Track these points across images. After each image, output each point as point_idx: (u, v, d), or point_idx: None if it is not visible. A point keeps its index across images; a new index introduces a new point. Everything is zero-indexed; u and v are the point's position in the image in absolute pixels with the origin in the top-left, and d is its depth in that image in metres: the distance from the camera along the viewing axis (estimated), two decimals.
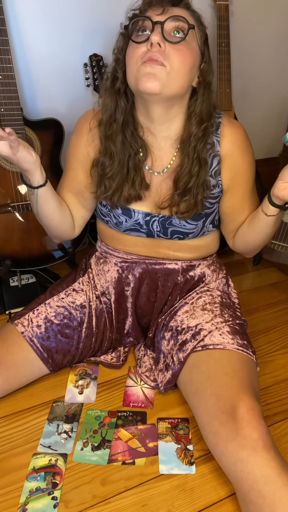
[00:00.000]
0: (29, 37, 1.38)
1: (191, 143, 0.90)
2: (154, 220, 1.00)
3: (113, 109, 0.91)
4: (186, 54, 0.82)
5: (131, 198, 0.97)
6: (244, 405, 0.80)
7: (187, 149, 0.91)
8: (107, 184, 0.96)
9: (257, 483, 0.72)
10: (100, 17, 1.44)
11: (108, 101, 0.91)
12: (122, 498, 0.86)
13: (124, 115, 0.91)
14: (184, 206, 0.95)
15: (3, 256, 1.36)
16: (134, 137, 0.93)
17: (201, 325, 1.00)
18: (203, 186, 0.93)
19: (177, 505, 0.85)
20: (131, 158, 0.94)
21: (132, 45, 0.84)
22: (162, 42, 0.80)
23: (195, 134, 0.90)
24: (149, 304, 1.13)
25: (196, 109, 0.89)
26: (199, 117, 0.89)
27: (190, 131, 0.90)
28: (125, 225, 1.03)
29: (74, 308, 1.08)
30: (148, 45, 0.81)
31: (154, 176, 0.97)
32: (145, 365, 1.12)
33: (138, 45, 0.82)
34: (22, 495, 0.85)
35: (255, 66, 1.82)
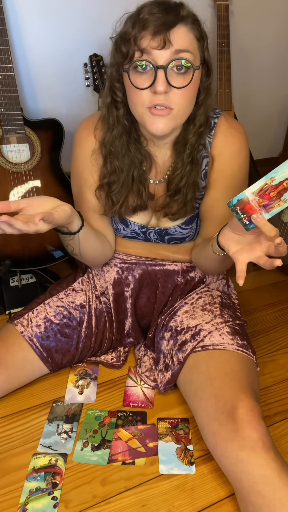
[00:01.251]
0: (29, 37, 1.38)
1: (186, 149, 0.89)
2: (150, 232, 1.02)
3: (116, 126, 0.89)
4: (191, 91, 0.80)
5: (137, 209, 0.97)
6: (244, 405, 0.80)
7: (182, 155, 0.90)
8: (114, 199, 0.95)
9: (256, 483, 0.73)
10: (100, 17, 1.44)
11: (111, 119, 0.89)
12: (122, 498, 0.86)
13: (127, 130, 0.89)
14: (175, 206, 0.94)
15: (3, 256, 1.35)
16: (138, 149, 0.92)
17: (201, 325, 1.00)
18: (193, 185, 0.93)
19: (177, 505, 0.85)
20: (135, 169, 0.92)
21: (133, 88, 0.79)
22: (167, 89, 0.76)
23: (191, 142, 0.89)
24: (149, 305, 1.13)
25: (196, 120, 0.87)
26: (199, 126, 0.88)
27: (186, 138, 0.89)
28: (123, 233, 1.04)
29: (73, 308, 1.08)
30: (152, 91, 0.77)
31: (155, 185, 0.97)
32: (145, 365, 1.12)
33: (141, 90, 0.78)
34: (22, 495, 0.85)
35: (255, 66, 1.82)
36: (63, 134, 1.38)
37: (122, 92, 0.85)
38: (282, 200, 0.67)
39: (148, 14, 0.75)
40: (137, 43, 0.76)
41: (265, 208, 0.68)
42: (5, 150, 1.31)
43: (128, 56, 0.78)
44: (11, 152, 1.31)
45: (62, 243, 0.95)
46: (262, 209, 0.69)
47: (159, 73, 0.75)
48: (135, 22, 0.76)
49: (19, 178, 1.33)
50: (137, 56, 0.77)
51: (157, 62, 0.75)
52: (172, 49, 0.75)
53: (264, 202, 0.68)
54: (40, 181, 1.36)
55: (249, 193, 0.68)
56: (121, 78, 0.83)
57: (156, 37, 0.74)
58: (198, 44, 0.80)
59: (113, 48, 0.83)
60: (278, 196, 0.67)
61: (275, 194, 0.67)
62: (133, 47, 0.76)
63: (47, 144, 1.36)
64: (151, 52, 0.75)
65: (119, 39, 0.80)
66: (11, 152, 1.31)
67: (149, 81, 0.77)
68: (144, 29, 0.75)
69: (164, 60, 0.75)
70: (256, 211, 0.69)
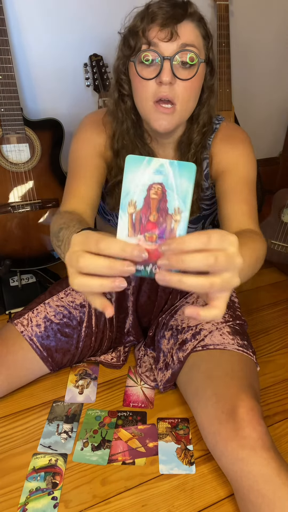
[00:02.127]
0: (29, 37, 1.38)
1: (191, 149, 0.90)
2: None
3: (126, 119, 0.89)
4: (194, 85, 0.81)
5: None
6: (244, 405, 0.80)
7: (187, 155, 0.91)
8: (118, 199, 0.95)
9: (256, 482, 0.73)
10: (100, 17, 1.44)
11: (119, 113, 0.89)
12: (122, 498, 0.86)
13: (134, 125, 0.90)
14: None
15: (3, 256, 1.36)
16: (142, 146, 0.92)
17: (201, 325, 1.00)
18: (197, 186, 0.94)
19: (177, 505, 0.85)
20: None
21: (139, 79, 0.80)
22: (172, 80, 0.78)
23: (195, 142, 0.90)
24: (149, 303, 1.13)
25: (199, 119, 0.88)
26: (202, 125, 0.89)
27: (191, 138, 0.90)
28: None
29: (73, 308, 1.08)
30: (158, 81, 0.78)
31: None
32: (145, 365, 1.12)
33: (146, 81, 0.79)
34: (22, 495, 0.85)
35: (255, 66, 1.82)
36: (63, 134, 1.38)
37: (128, 85, 0.86)
38: (171, 214, 0.45)
39: (157, 8, 0.77)
40: (145, 35, 0.78)
41: (162, 238, 0.46)
42: (5, 150, 1.31)
43: (136, 48, 0.79)
44: (11, 152, 1.31)
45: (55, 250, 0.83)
46: (161, 241, 0.46)
47: (165, 64, 0.76)
48: (143, 16, 0.78)
49: (19, 178, 1.33)
50: (144, 47, 0.78)
51: (164, 53, 0.77)
52: (179, 41, 0.77)
53: (155, 232, 0.46)
54: (40, 181, 1.36)
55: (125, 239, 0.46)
56: (127, 71, 0.85)
57: (164, 29, 0.76)
58: (204, 42, 0.82)
59: (120, 42, 0.85)
60: (162, 213, 0.45)
61: (155, 214, 0.46)
62: (141, 39, 0.78)
63: (47, 144, 1.36)
64: (158, 43, 0.77)
65: (127, 33, 0.82)
66: (11, 152, 1.31)
67: (155, 72, 0.78)
68: (152, 22, 0.77)
69: (171, 51, 0.77)
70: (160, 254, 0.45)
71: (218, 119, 0.95)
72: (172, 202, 0.45)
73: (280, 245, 1.55)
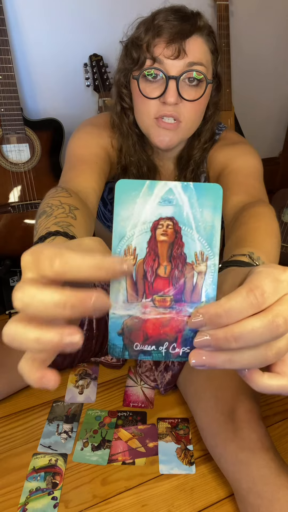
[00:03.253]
0: (29, 37, 1.38)
1: (190, 165, 0.87)
2: None
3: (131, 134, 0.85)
4: (201, 104, 0.77)
5: None
6: (243, 406, 0.80)
7: (185, 171, 0.88)
8: None
9: (255, 484, 0.73)
10: (100, 17, 1.44)
11: (124, 127, 0.85)
12: (122, 498, 0.86)
13: (139, 140, 0.86)
14: None
15: (3, 256, 1.36)
16: (148, 159, 0.89)
17: None
18: None
19: (177, 505, 0.85)
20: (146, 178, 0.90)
21: (142, 97, 0.75)
22: (178, 100, 0.72)
23: (195, 159, 0.86)
24: None
25: (201, 136, 0.84)
26: (204, 142, 0.85)
27: (191, 154, 0.86)
28: None
29: None
30: (161, 101, 0.73)
31: None
32: (145, 365, 1.12)
33: (149, 99, 0.74)
34: (22, 495, 0.85)
35: (255, 66, 1.82)
36: (63, 134, 1.38)
37: (129, 99, 0.82)
38: (191, 263, 0.31)
39: (164, 21, 0.71)
40: (149, 50, 0.72)
41: (181, 301, 0.31)
42: (5, 150, 1.31)
43: (139, 62, 0.74)
44: (11, 152, 1.31)
45: None
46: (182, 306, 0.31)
47: (170, 84, 0.71)
48: (148, 28, 0.72)
49: (19, 178, 1.33)
50: (148, 64, 0.73)
51: (169, 72, 0.71)
52: (186, 60, 0.71)
53: (168, 293, 0.31)
54: (40, 181, 1.36)
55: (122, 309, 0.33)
56: (128, 84, 0.80)
57: (170, 45, 0.70)
58: (212, 57, 0.76)
59: (122, 52, 0.79)
60: (177, 263, 0.31)
61: (167, 266, 0.31)
62: (144, 53, 0.73)
63: (47, 144, 1.36)
64: (163, 61, 0.71)
65: (130, 44, 0.76)
66: (11, 152, 1.31)
67: (159, 90, 0.73)
68: (158, 36, 0.71)
69: (177, 71, 0.71)
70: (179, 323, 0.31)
71: (219, 128, 0.90)
72: (192, 244, 0.30)
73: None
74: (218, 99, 0.83)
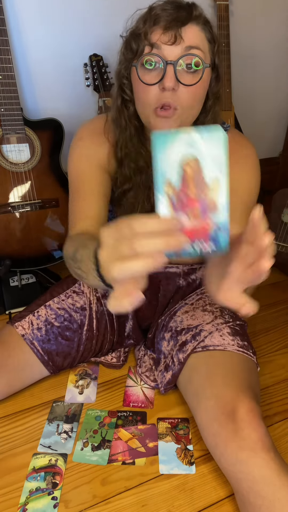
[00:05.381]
0: (29, 37, 1.38)
1: None
2: None
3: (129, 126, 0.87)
4: (199, 91, 0.78)
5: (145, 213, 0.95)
6: (244, 406, 0.80)
7: None
8: (127, 207, 0.93)
9: (256, 484, 0.73)
10: (100, 17, 1.44)
11: (123, 120, 0.86)
12: (122, 498, 0.86)
13: (137, 133, 0.88)
14: None
15: (3, 256, 1.36)
16: (146, 152, 0.90)
17: (201, 326, 1.00)
18: None
19: (177, 505, 0.85)
20: (143, 173, 0.90)
21: (141, 84, 0.77)
22: (176, 85, 0.74)
23: None
24: (150, 308, 1.13)
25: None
26: None
27: None
28: None
29: (74, 310, 1.07)
30: (160, 87, 0.75)
31: None
32: (145, 365, 1.12)
33: (149, 86, 0.76)
34: (22, 495, 0.85)
35: (255, 66, 1.82)
36: (63, 134, 1.38)
37: (130, 90, 0.83)
38: (209, 185, 0.43)
39: (160, 10, 0.74)
40: (147, 37, 0.75)
41: (206, 212, 0.44)
42: (5, 150, 1.31)
43: (138, 51, 0.76)
44: (11, 152, 1.31)
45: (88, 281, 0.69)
46: (207, 215, 0.44)
47: (168, 69, 0.73)
48: (146, 18, 0.75)
49: (19, 178, 1.33)
50: (146, 50, 0.75)
51: (167, 58, 0.74)
52: (183, 45, 0.73)
53: (197, 207, 0.44)
54: (40, 181, 1.36)
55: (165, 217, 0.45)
56: (129, 75, 0.82)
57: (167, 32, 0.73)
58: (209, 45, 0.78)
59: (123, 45, 0.82)
60: (201, 187, 0.43)
61: (194, 190, 0.44)
62: (143, 42, 0.75)
63: (47, 144, 1.36)
64: (161, 46, 0.74)
65: (129, 36, 0.79)
66: (11, 152, 1.31)
67: (158, 77, 0.75)
68: (155, 24, 0.74)
69: (174, 55, 0.74)
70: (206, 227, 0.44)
71: (224, 128, 0.92)
72: (209, 173, 0.43)
73: (280, 245, 1.55)
74: (218, 89, 0.84)
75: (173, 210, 0.44)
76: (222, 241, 0.44)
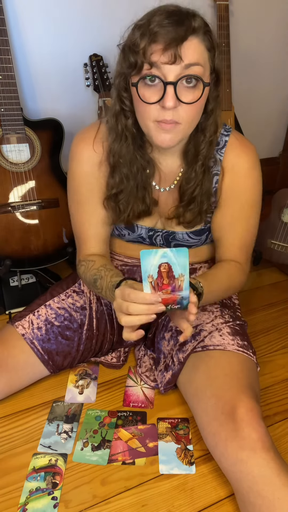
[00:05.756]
0: (29, 37, 1.38)
1: (198, 160, 0.88)
2: (157, 235, 1.01)
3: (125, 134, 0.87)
4: (199, 104, 0.78)
5: (141, 215, 0.96)
6: (244, 406, 0.80)
7: (194, 166, 0.89)
8: (121, 208, 0.94)
9: (256, 483, 0.73)
10: (100, 17, 1.44)
11: (119, 128, 0.86)
12: (122, 498, 0.86)
13: (135, 138, 0.88)
14: (189, 215, 0.94)
15: (3, 256, 1.36)
16: (142, 155, 0.90)
17: (201, 325, 1.00)
18: (207, 194, 0.92)
19: (177, 505, 0.85)
20: (140, 175, 0.91)
21: (142, 102, 0.77)
22: (176, 104, 0.74)
23: (203, 153, 0.88)
24: None
25: (206, 130, 0.86)
26: (209, 136, 0.86)
27: (198, 149, 0.87)
28: (128, 237, 1.04)
29: (74, 310, 1.07)
30: (161, 105, 0.75)
31: (161, 192, 0.97)
32: (145, 365, 1.12)
33: (149, 105, 0.76)
34: (22, 495, 0.85)
35: (255, 66, 1.82)
36: (63, 134, 1.38)
37: (129, 101, 0.83)
38: (177, 277, 0.72)
39: (159, 27, 0.71)
40: (146, 56, 0.73)
41: (175, 290, 0.73)
42: (5, 150, 1.31)
43: (137, 67, 0.75)
44: (11, 152, 1.31)
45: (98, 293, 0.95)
46: (175, 292, 0.74)
47: (168, 89, 0.73)
48: (144, 33, 0.73)
49: (19, 178, 1.33)
50: (146, 68, 0.74)
51: (167, 78, 0.73)
52: (183, 64, 0.73)
53: (168, 289, 0.73)
54: (40, 181, 1.36)
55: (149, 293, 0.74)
56: (128, 87, 0.81)
57: (166, 52, 0.72)
58: (209, 55, 0.77)
59: (120, 56, 0.80)
60: (172, 278, 0.72)
61: (167, 280, 0.72)
62: (141, 58, 0.74)
63: (47, 144, 1.36)
64: (160, 66, 0.73)
65: (126, 49, 0.77)
66: (11, 152, 1.31)
67: (158, 95, 0.75)
68: (154, 42, 0.72)
69: (174, 76, 0.73)
70: (175, 298, 0.75)
71: (226, 130, 0.92)
72: (176, 271, 0.71)
73: (280, 245, 1.55)
74: (218, 93, 0.84)
75: (153, 290, 0.73)
76: (185, 303, 0.75)
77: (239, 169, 0.92)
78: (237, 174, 0.92)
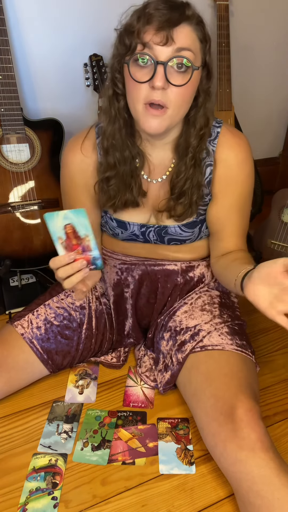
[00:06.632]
0: (29, 37, 1.38)
1: (188, 153, 0.89)
2: (150, 231, 1.01)
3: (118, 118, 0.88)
4: (188, 91, 0.80)
5: (128, 204, 0.96)
6: (243, 406, 0.80)
7: (185, 158, 0.90)
8: (111, 193, 0.95)
9: (255, 483, 0.73)
10: (100, 17, 1.44)
11: (112, 111, 0.88)
12: (122, 498, 0.86)
13: (127, 124, 0.89)
14: (180, 208, 0.95)
15: (3, 256, 1.36)
16: (132, 144, 0.92)
17: (200, 325, 1.00)
18: (197, 187, 0.93)
19: (177, 505, 0.85)
20: (127, 164, 0.92)
21: (132, 82, 0.80)
22: (165, 85, 0.77)
23: (193, 145, 0.89)
24: (148, 306, 1.13)
25: (196, 123, 0.87)
26: (199, 128, 0.88)
27: (188, 141, 0.89)
28: (122, 236, 1.04)
29: (73, 309, 1.08)
30: (150, 85, 0.77)
31: (152, 184, 0.97)
32: (145, 365, 1.12)
33: (139, 83, 0.78)
34: (22, 495, 0.86)
35: (255, 66, 1.82)
36: (63, 134, 1.38)
37: (122, 84, 0.85)
38: (83, 237, 0.76)
39: (154, 10, 0.75)
40: (140, 36, 0.76)
41: (85, 251, 0.78)
42: (5, 150, 1.31)
43: (131, 48, 0.78)
44: (11, 152, 1.31)
45: None
46: (86, 252, 0.78)
47: (158, 69, 0.76)
48: (140, 15, 0.77)
49: (19, 178, 1.33)
50: (139, 49, 0.77)
51: (158, 58, 0.76)
52: (174, 46, 0.76)
53: (79, 248, 0.78)
54: (40, 181, 1.36)
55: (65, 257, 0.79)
56: (122, 69, 0.84)
57: (159, 32, 0.75)
58: (201, 45, 0.80)
59: (116, 39, 0.84)
60: (78, 238, 0.77)
61: (75, 240, 0.77)
62: (136, 39, 0.77)
63: (47, 144, 1.36)
64: (153, 46, 0.76)
65: (123, 31, 0.81)
66: (11, 152, 1.31)
67: (148, 75, 0.77)
68: (148, 23, 0.75)
69: (165, 56, 0.76)
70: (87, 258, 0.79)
71: (217, 122, 0.94)
72: (81, 231, 0.76)
73: (280, 245, 1.55)
74: (209, 86, 0.86)
75: (66, 251, 0.78)
76: (98, 264, 0.80)
77: (232, 162, 0.93)
78: (231, 166, 0.93)
